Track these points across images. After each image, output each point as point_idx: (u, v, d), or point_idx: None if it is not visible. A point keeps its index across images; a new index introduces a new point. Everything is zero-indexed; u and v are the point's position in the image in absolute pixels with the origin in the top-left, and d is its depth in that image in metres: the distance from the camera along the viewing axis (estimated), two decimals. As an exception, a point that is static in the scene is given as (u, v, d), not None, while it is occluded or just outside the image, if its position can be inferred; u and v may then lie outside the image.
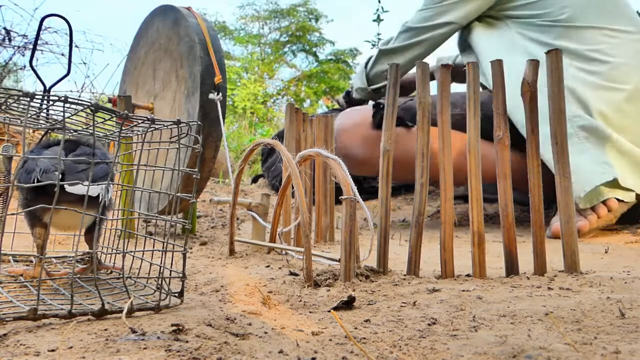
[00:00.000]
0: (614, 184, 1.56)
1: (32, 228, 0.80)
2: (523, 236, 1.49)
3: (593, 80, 1.69)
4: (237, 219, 1.87)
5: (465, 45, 2.00)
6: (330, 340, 0.58)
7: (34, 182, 0.69)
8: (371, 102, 1.86)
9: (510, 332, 0.59)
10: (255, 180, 2.95)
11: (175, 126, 0.71)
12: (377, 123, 1.74)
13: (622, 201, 1.57)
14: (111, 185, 0.74)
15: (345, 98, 2.25)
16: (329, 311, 0.71)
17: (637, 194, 1.58)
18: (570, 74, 1.65)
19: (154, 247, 1.05)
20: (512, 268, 0.94)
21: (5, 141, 1.92)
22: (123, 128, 0.72)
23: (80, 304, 0.67)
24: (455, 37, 2.03)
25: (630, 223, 1.65)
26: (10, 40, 2.92)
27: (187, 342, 0.53)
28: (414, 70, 1.70)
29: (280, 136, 2.46)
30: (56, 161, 0.71)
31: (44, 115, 0.79)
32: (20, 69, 3.14)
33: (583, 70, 1.68)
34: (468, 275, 0.94)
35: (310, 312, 0.72)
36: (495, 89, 0.97)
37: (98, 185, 0.73)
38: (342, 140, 1.76)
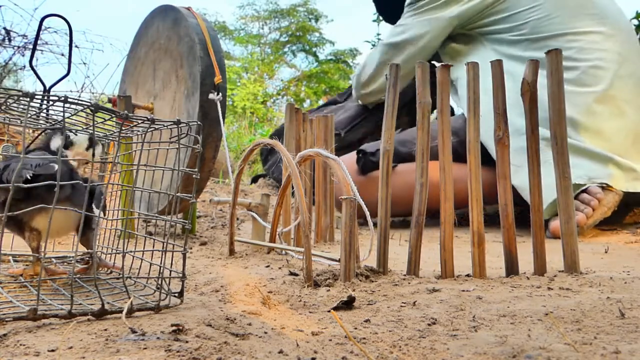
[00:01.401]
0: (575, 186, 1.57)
1: (21, 233, 0.79)
2: (523, 236, 1.49)
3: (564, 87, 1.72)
4: (237, 219, 1.87)
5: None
6: (330, 340, 0.58)
7: (3, 182, 0.70)
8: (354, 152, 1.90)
9: (510, 332, 0.59)
10: (254, 180, 2.95)
11: (175, 126, 0.71)
12: (361, 169, 1.80)
13: (604, 187, 1.57)
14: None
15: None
16: (329, 311, 0.71)
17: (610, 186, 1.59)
18: (540, 85, 1.68)
19: (154, 247, 1.05)
20: (512, 268, 0.94)
21: (5, 141, 1.92)
22: (123, 128, 0.72)
23: (80, 304, 0.67)
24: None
25: (625, 221, 1.66)
26: (10, 40, 2.92)
27: (187, 342, 0.53)
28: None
29: (278, 134, 2.48)
30: (31, 161, 0.73)
31: (44, 115, 0.79)
32: (20, 69, 3.14)
33: None
34: (468, 275, 0.94)
35: (310, 312, 0.72)
36: (495, 90, 0.97)
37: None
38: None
